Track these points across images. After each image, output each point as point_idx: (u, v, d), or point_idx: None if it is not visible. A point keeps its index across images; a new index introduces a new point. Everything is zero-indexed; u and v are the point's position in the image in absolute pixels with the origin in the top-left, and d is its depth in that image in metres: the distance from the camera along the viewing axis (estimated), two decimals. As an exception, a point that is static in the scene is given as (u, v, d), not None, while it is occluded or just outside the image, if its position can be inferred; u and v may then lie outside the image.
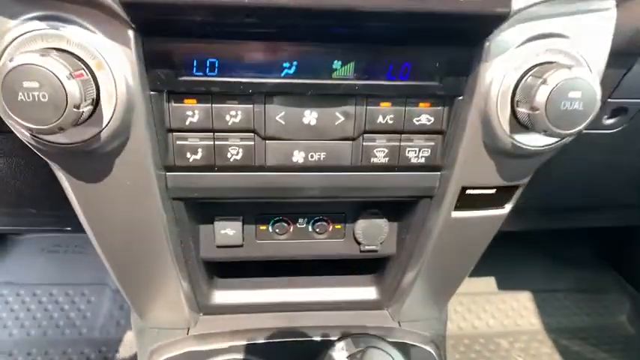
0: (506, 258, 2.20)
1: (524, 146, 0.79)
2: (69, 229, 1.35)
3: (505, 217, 0.97)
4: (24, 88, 0.58)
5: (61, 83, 0.58)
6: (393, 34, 0.71)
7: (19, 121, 0.60)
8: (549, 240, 2.29)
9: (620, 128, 0.99)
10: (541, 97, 0.68)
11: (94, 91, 0.65)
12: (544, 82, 0.68)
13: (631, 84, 0.89)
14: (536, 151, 0.80)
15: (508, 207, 0.95)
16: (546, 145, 0.80)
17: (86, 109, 0.63)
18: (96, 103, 0.66)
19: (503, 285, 2.23)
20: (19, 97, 0.59)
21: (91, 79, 0.64)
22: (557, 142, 0.79)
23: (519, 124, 0.76)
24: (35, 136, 0.69)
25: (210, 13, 0.64)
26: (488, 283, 2.24)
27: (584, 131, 0.71)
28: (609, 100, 0.92)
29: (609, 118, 0.98)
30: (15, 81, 0.58)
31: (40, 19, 0.64)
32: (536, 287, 2.23)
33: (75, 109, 0.60)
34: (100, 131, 0.69)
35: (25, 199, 1.16)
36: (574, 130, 0.70)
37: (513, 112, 0.75)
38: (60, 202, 0.86)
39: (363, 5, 0.62)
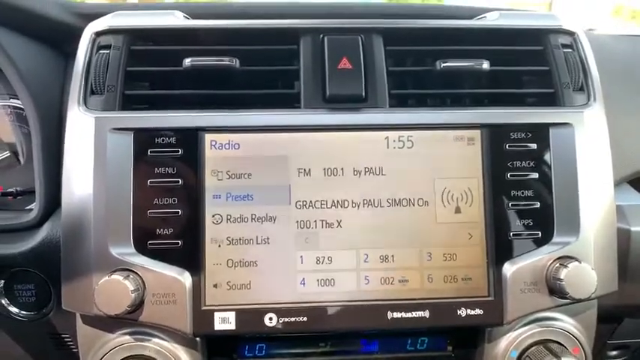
0: None
1: None
2: None
3: None
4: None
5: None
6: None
7: None
8: None
9: (624, 358, 1.10)
10: (538, 383, 0.80)
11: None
12: (538, 371, 0.81)
13: (625, 331, 1.01)
14: None
15: None
16: None
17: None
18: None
19: None
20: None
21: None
22: None
23: (527, 391, 0.87)
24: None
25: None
26: None
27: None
28: (609, 342, 1.04)
29: (613, 350, 1.09)
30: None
31: (130, 334, 0.82)
32: None
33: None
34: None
35: None
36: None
37: (519, 383, 0.87)
38: None
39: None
